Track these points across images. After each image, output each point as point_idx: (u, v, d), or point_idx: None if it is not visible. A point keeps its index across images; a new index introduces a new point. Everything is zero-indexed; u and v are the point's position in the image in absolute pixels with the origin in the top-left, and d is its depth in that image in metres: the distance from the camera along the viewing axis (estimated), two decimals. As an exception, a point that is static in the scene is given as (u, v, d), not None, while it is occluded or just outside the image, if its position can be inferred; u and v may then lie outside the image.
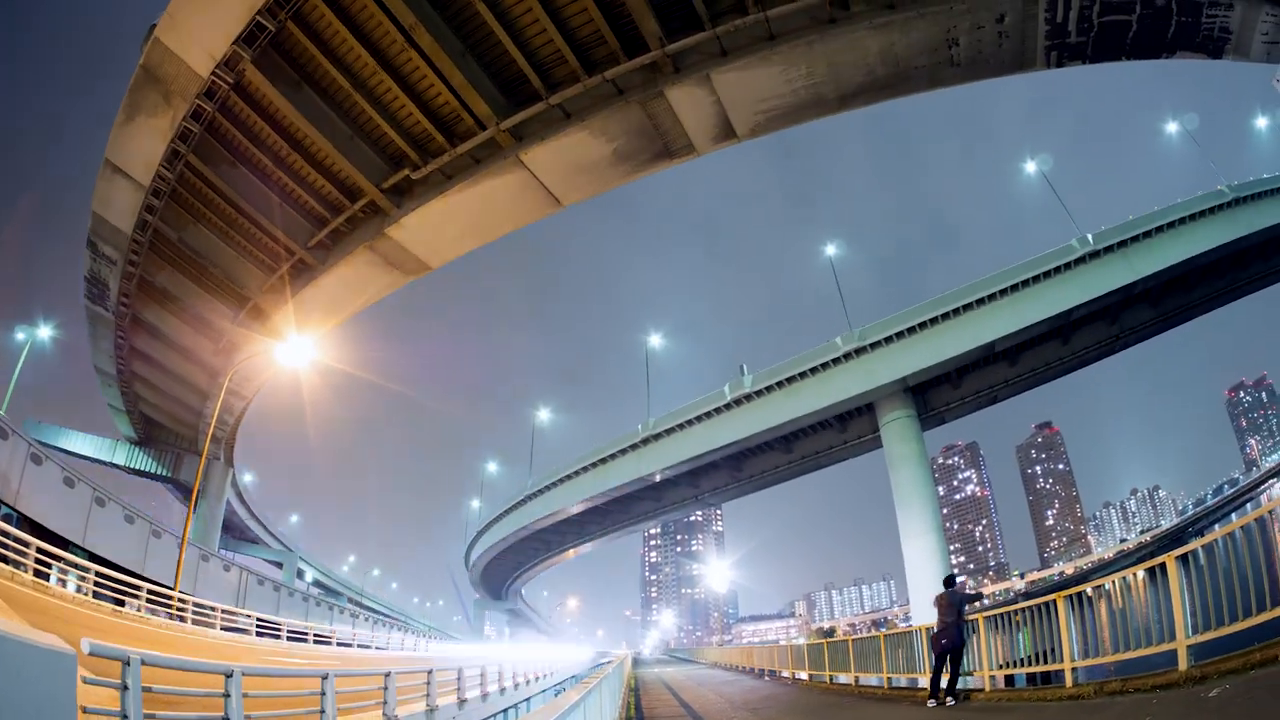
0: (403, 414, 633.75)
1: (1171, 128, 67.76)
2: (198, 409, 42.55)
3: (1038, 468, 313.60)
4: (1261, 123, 70.85)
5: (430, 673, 15.00)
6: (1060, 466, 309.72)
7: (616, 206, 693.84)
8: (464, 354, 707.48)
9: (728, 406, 51.90)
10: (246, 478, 73.25)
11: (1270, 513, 9.37)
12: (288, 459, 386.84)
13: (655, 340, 70.68)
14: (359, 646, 36.40)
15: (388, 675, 12.47)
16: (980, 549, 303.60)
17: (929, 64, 24.17)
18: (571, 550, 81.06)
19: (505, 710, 21.72)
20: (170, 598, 24.48)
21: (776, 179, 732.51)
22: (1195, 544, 9.82)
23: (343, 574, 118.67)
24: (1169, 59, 26.52)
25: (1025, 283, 46.05)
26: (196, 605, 25.68)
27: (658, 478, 57.52)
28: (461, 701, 16.87)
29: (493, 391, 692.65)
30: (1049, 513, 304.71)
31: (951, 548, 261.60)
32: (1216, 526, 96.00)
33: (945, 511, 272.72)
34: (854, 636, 23.04)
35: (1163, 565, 9.88)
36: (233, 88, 25.39)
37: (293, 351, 28.52)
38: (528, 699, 25.68)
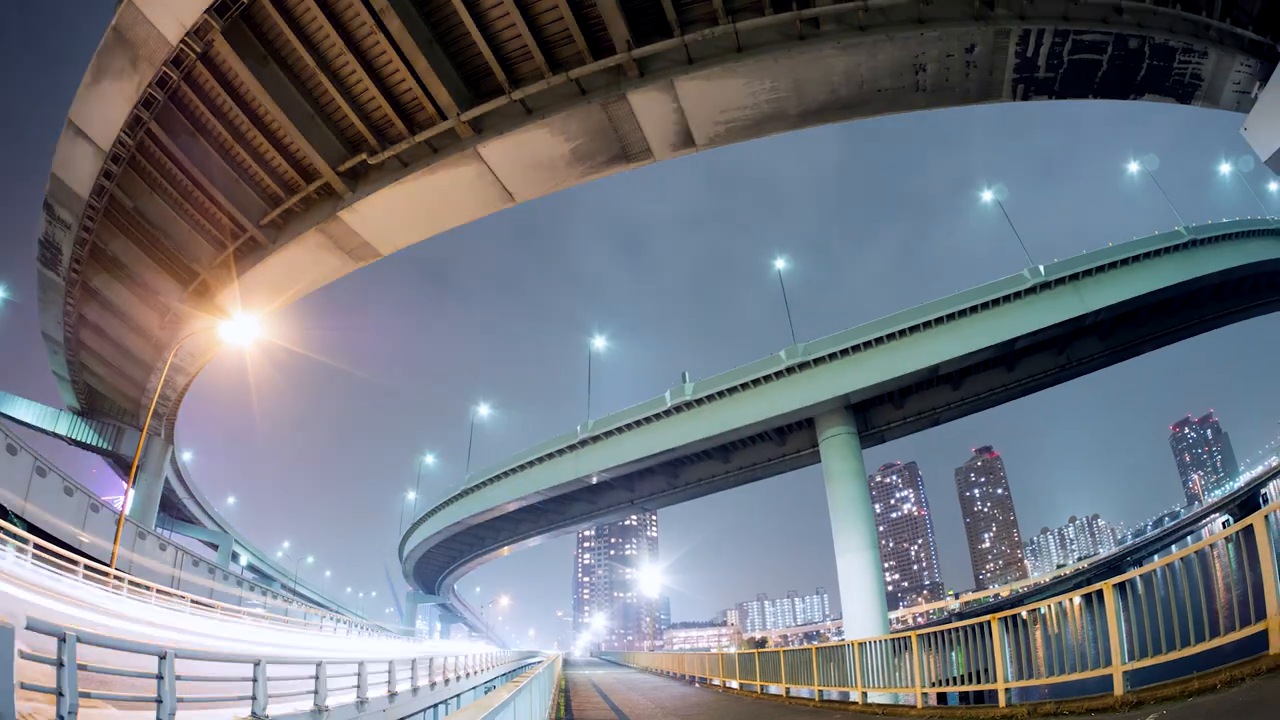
0: (343, 404, 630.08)
1: (1133, 167, 67.92)
2: (141, 383, 41.38)
3: (976, 491, 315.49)
4: (1225, 169, 71.41)
5: (361, 664, 14.61)
6: (999, 491, 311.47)
7: (572, 203, 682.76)
8: (408, 345, 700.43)
9: (668, 413, 51.10)
10: (186, 456, 70.82)
11: (1211, 547, 9.46)
12: (228, 440, 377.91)
13: (600, 342, 69.52)
14: (291, 633, 35.40)
15: (319, 665, 12.31)
16: (915, 567, 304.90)
17: (893, 87, 23.88)
18: (506, 547, 79.39)
19: (435, 705, 21.20)
20: (107, 574, 23.48)
21: (738, 188, 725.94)
22: (1133, 573, 9.98)
23: (277, 559, 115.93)
24: (1136, 100, 26.27)
25: (974, 309, 45.82)
26: (132, 583, 24.69)
27: (594, 480, 56.60)
28: (392, 694, 16.43)
29: (434, 383, 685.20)
30: (985, 535, 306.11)
31: (886, 565, 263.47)
32: (1156, 557, 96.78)
33: (881, 529, 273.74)
34: (786, 648, 22.84)
35: (1100, 592, 9.96)
36: (200, 57, 24.64)
37: (238, 330, 27.74)
38: (458, 695, 25.08)
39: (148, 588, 25.46)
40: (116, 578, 23.88)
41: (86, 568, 22.60)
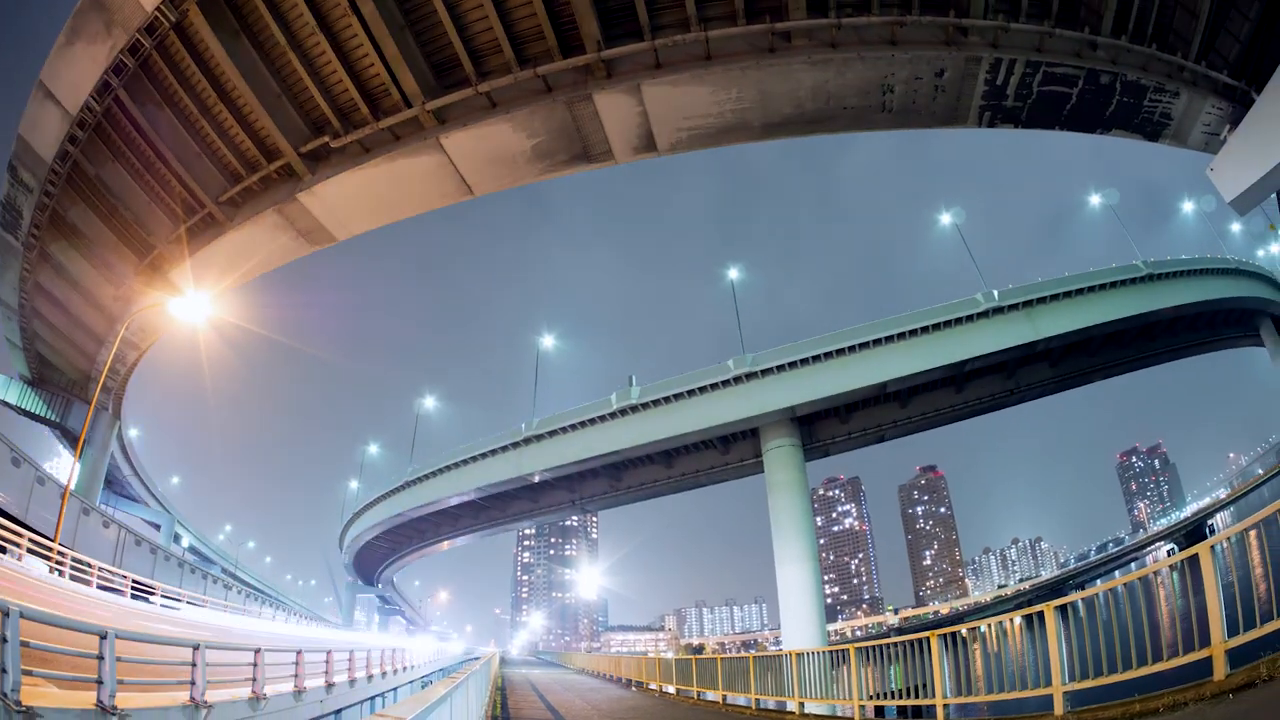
0: (291, 388, 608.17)
1: (1095, 200, 68.18)
2: (92, 355, 40.31)
3: (919, 508, 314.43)
4: (1188, 206, 71.83)
5: (299, 653, 14.27)
6: (942, 510, 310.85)
7: (531, 199, 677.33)
8: (356, 327, 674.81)
9: (613, 415, 50.47)
10: (132, 432, 68.54)
11: (1155, 574, 9.65)
12: (175, 419, 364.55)
13: (548, 341, 69.13)
14: (231, 619, 34.54)
15: (258, 652, 12.00)
16: (855, 581, 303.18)
17: (859, 106, 23.57)
18: (446, 542, 78.10)
19: (372, 698, 20.69)
20: (50, 549, 22.80)
21: (702, 196, 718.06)
22: (1075, 596, 10.13)
23: (219, 543, 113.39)
24: (1103, 135, 25.98)
25: (925, 329, 45.57)
26: (75, 560, 23.97)
27: (536, 479, 55.92)
28: (330, 685, 16.04)
29: (381, 371, 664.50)
30: (927, 553, 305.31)
31: (826, 578, 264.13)
32: (1099, 581, 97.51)
33: (822, 542, 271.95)
34: (723, 655, 22.40)
35: (1041, 613, 10.06)
36: (173, 26, 23.88)
37: (190, 307, 27.08)
38: (394, 689, 24.57)
39: (90, 565, 24.68)
40: (60, 554, 23.19)
41: (31, 541, 22.08)
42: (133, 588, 27.24)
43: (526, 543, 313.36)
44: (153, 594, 28.42)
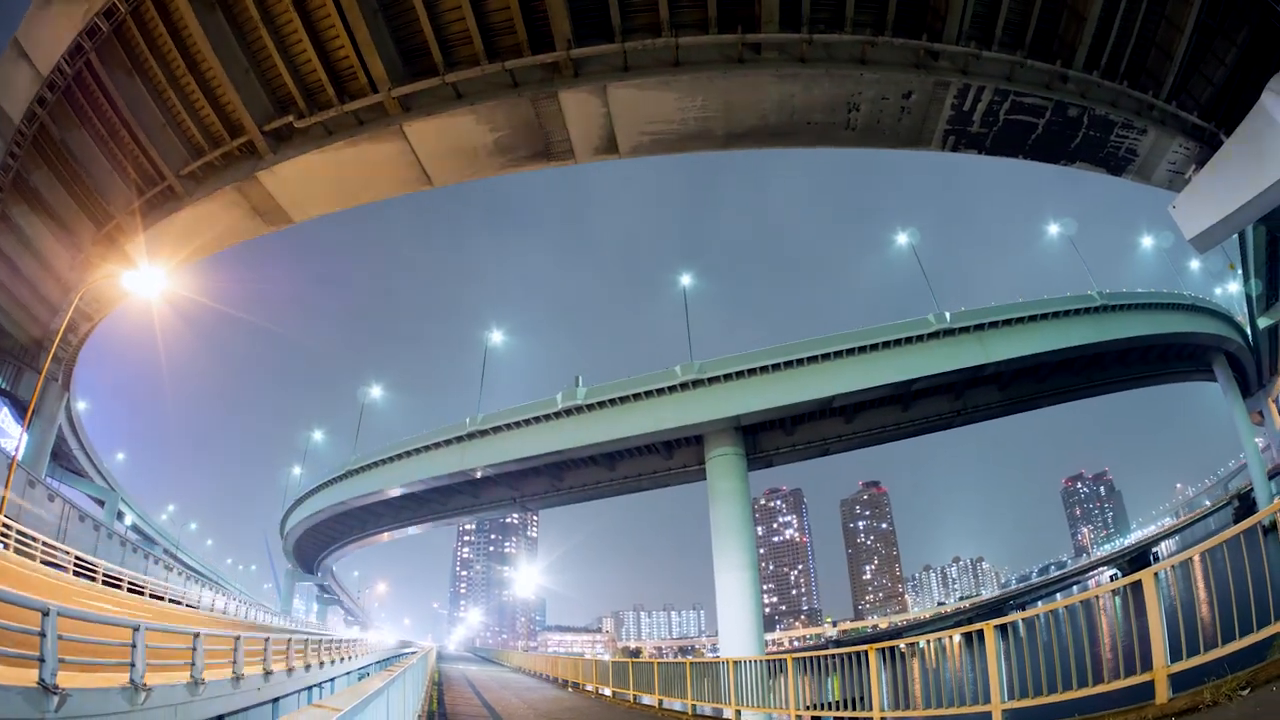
0: (238, 371, 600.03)
1: (1053, 229, 68.39)
2: (45, 323, 39.09)
3: (861, 523, 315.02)
4: (1147, 241, 72.21)
5: (237, 639, 13.82)
6: (883, 525, 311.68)
7: (491, 195, 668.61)
8: (305, 313, 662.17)
9: (557, 415, 49.73)
10: (80, 405, 66.70)
11: (1097, 598, 10.21)
12: (122, 395, 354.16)
13: (497, 337, 68.73)
14: (170, 601, 33.55)
15: (197, 636, 11.73)
16: (794, 592, 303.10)
17: (824, 122, 23.24)
18: (387, 533, 76.64)
19: (309, 688, 20.14)
20: None
21: (658, 201, 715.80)
22: (1016, 616, 10.38)
23: (161, 522, 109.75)
24: (1066, 166, 25.73)
25: (874, 346, 45.41)
26: (20, 534, 23.23)
27: (478, 474, 54.95)
28: (267, 673, 15.64)
29: (328, 354, 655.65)
30: (867, 567, 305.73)
31: (765, 587, 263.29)
32: (1040, 603, 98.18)
33: (762, 551, 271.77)
34: (660, 660, 22.33)
35: (981, 632, 10.00)
36: (149, -9, 22.67)
37: (144, 280, 26.26)
38: (331, 679, 23.95)
39: (34, 539, 23.91)
40: (4, 527, 22.41)
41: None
42: (75, 565, 26.38)
43: (467, 538, 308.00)
44: (95, 572, 27.56)
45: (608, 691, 25.58)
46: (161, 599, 32.37)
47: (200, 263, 31.86)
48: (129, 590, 29.78)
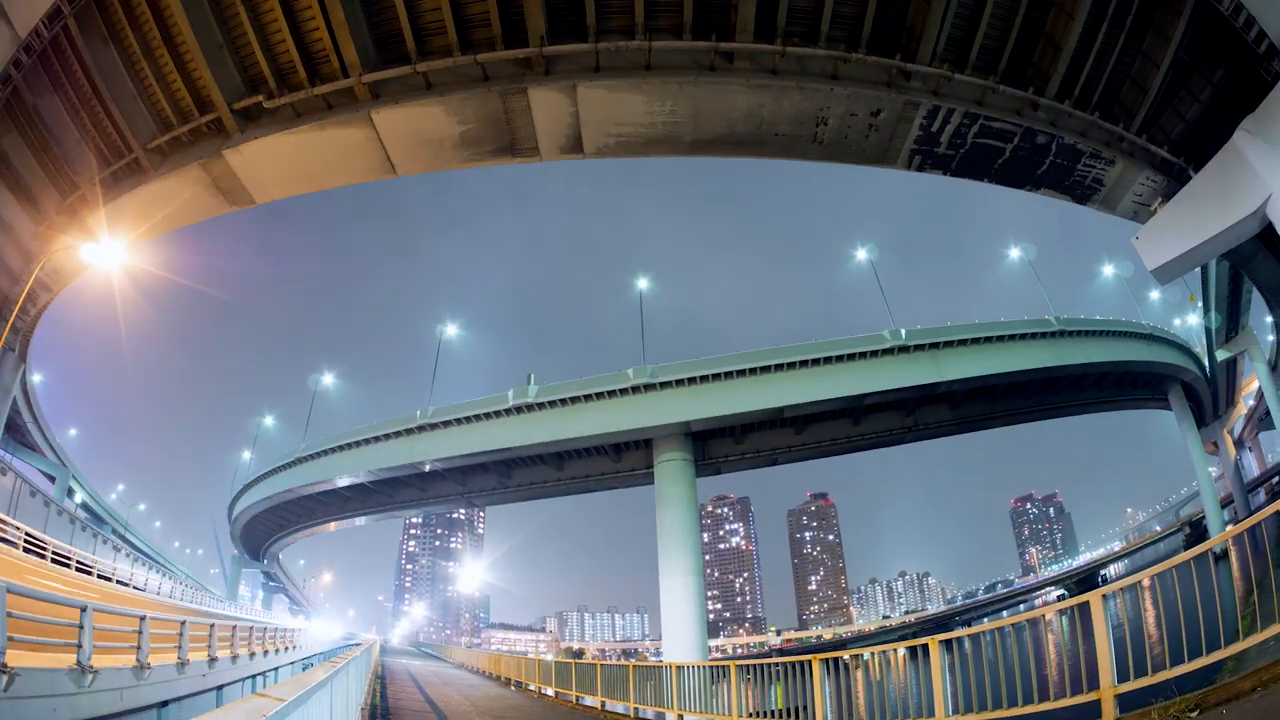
0: (191, 352, 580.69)
1: (1014, 253, 68.63)
2: (5, 291, 38.16)
3: (807, 534, 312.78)
4: (1108, 270, 72.62)
5: (183, 624, 13.59)
6: (830, 537, 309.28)
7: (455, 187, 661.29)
8: (261, 296, 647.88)
9: (508, 412, 48.97)
10: (36, 378, 65.19)
11: (1044, 617, 10.02)
12: (73, 370, 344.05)
13: (452, 330, 67.89)
14: (118, 583, 32.72)
15: (143, 619, 11.45)
16: (739, 600, 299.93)
17: (790, 134, 22.93)
18: (333, 523, 74.90)
19: (253, 676, 19.75)
20: None
21: (618, 201, 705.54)
22: (962, 632, 10.27)
23: (111, 501, 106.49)
24: (1031, 192, 25.52)
25: (829, 359, 45.25)
26: None
27: (427, 468, 54.14)
28: (212, 660, 15.30)
29: (281, 337, 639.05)
30: (813, 578, 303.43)
31: (710, 593, 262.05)
32: (986, 620, 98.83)
33: (708, 558, 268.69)
34: (603, 662, 22.03)
35: (925, 646, 9.98)
36: (128, -41, 21.81)
37: (106, 253, 25.53)
38: (275, 668, 23.55)
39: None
40: None
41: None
42: (25, 541, 26.04)
43: (413, 531, 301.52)
44: (45, 550, 26.87)
45: (550, 691, 25.34)
46: (109, 580, 31.72)
47: (161, 237, 31.00)
48: (77, 569, 29.21)
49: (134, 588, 33.77)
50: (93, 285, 34.60)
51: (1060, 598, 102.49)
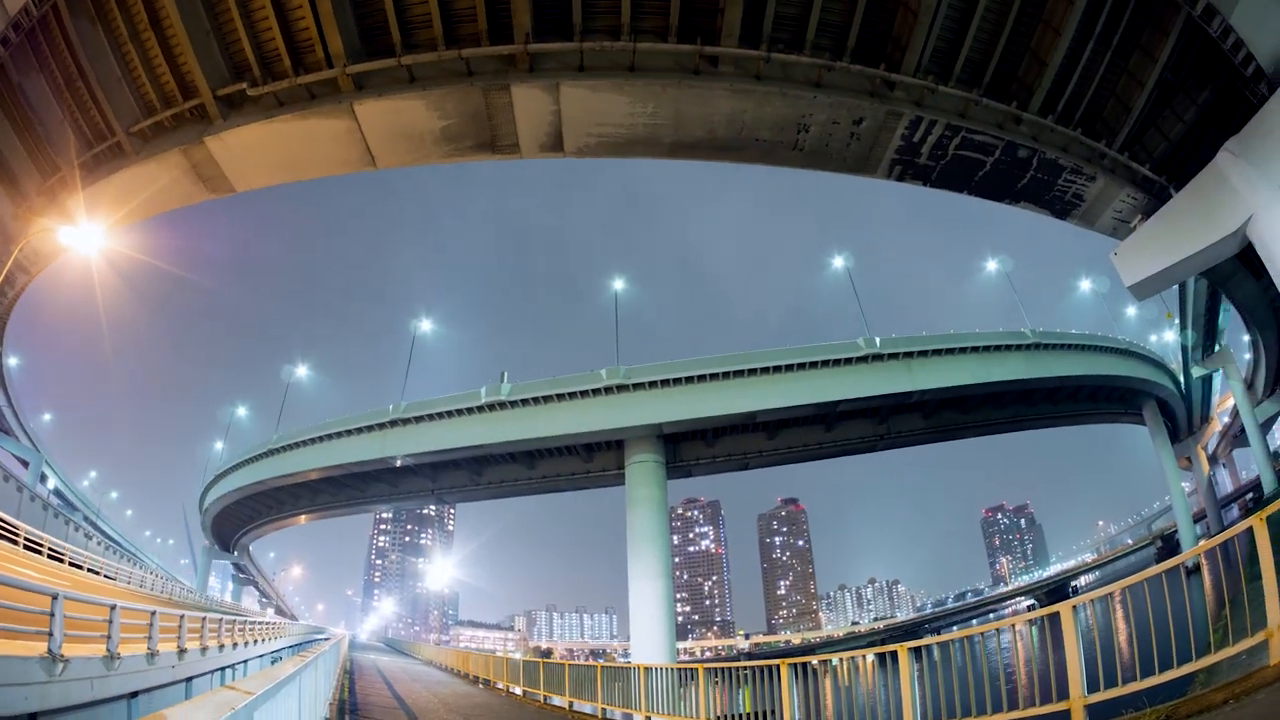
0: (164, 336, 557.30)
1: (991, 266, 68.70)
2: (-16, 272, 37.80)
3: (777, 539, 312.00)
4: (1085, 285, 72.78)
5: (153, 614, 13.29)
6: (800, 543, 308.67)
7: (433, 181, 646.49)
8: (238, 281, 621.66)
9: (480, 409, 48.64)
10: (11, 361, 64.20)
11: (1014, 626, 10.32)
12: (46, 354, 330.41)
13: (426, 325, 67.79)
14: (89, 571, 32.13)
15: (114, 608, 11.04)
16: (708, 603, 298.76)
17: (772, 140, 22.72)
18: (304, 516, 74.10)
19: (222, 669, 19.26)
20: None
21: (596, 203, 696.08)
22: (931, 639, 10.00)
23: (83, 489, 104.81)
24: (1011, 205, 25.41)
25: (803, 365, 45.10)
26: None
27: (399, 463, 53.73)
28: (182, 651, 14.97)
29: (256, 331, 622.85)
30: (782, 583, 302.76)
31: (679, 596, 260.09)
32: (955, 628, 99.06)
33: (677, 560, 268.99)
34: (571, 661, 21.89)
35: (895, 653, 9.94)
36: (120, -60, 21.45)
37: (84, 236, 25.09)
38: (245, 661, 22.91)
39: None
40: None
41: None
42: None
43: (383, 526, 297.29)
44: (18, 536, 26.37)
45: (518, 690, 25.11)
46: (80, 568, 31.12)
47: (141, 222, 30.53)
48: (49, 557, 28.63)
49: (105, 576, 33.19)
50: (71, 269, 34.14)
51: (1030, 608, 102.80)
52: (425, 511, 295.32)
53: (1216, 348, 64.00)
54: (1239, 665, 8.00)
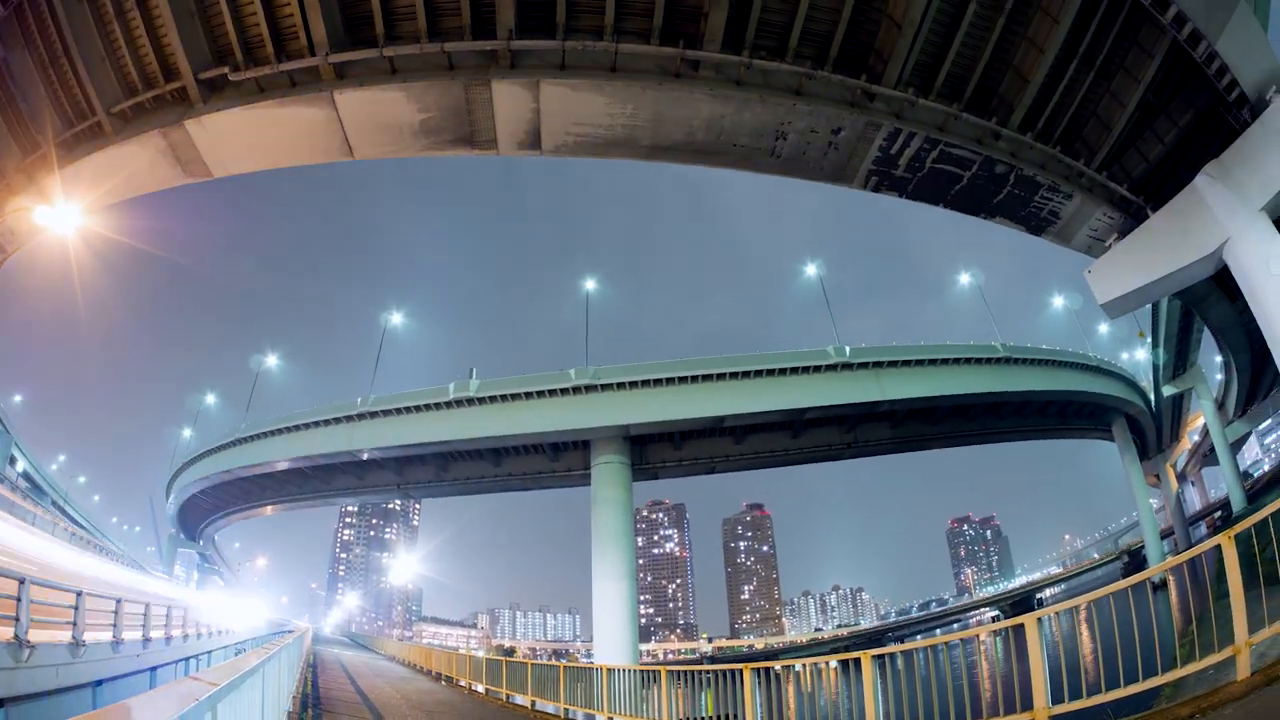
0: (135, 321, 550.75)
1: (964, 279, 68.82)
2: (-40, 252, 37.13)
3: (742, 544, 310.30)
4: (1058, 301, 73.07)
5: (119, 602, 13.41)
6: (765, 548, 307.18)
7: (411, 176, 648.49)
8: (216, 262, 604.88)
9: (448, 404, 48.10)
10: None
11: (978, 637, 10.07)
12: (17, 334, 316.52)
13: (397, 318, 67.42)
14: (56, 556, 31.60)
15: (80, 595, 11.18)
16: (671, 605, 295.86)
17: (749, 146, 22.39)
18: (270, 507, 73.27)
19: (186, 659, 19.20)
20: None
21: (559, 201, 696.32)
22: (895, 648, 10.55)
23: (51, 472, 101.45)
24: (986, 220, 25.32)
25: (772, 372, 45.01)
26: None
27: (365, 456, 53.10)
28: (146, 639, 14.92)
29: (227, 321, 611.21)
30: (746, 587, 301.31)
31: (643, 598, 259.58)
32: (919, 637, 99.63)
33: (642, 562, 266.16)
34: (534, 661, 21.66)
35: (858, 660, 9.86)
36: (106, -85, 20.89)
37: (64, 217, 24.57)
38: (209, 651, 22.97)
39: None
40: None
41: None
42: None
43: (348, 520, 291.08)
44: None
45: (481, 688, 24.92)
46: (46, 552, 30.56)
47: (115, 204, 29.97)
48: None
49: (71, 562, 32.62)
50: (46, 250, 33.49)
51: (995, 619, 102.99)
52: (391, 506, 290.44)
53: (1188, 368, 64.32)
54: (1206, 680, 8.21)
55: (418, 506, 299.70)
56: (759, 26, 20.30)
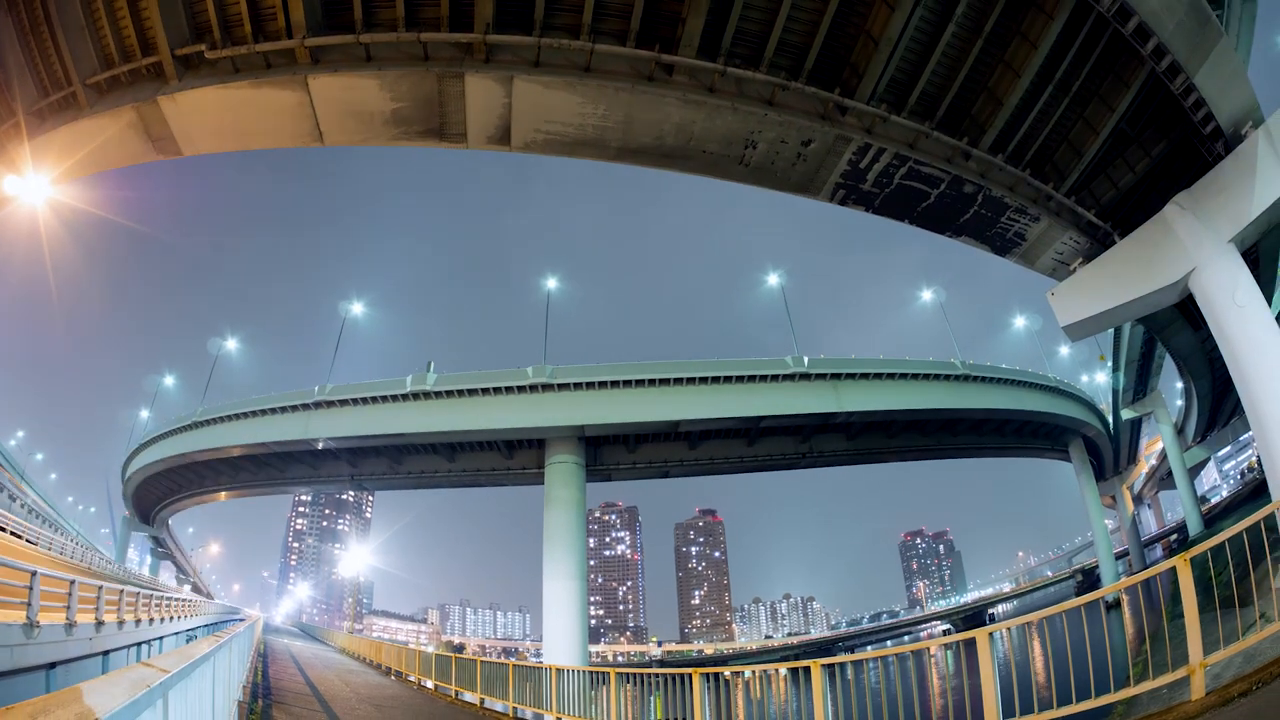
0: (98, 297, 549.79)
1: (926, 295, 68.95)
2: (-75, 224, 36.30)
3: (694, 549, 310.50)
4: (1020, 322, 73.36)
5: (73, 583, 13.12)
6: (716, 554, 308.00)
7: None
8: (183, 233, 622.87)
9: (404, 397, 47.56)
10: None
11: (929, 649, 10.00)
12: None
13: (357, 308, 67.07)
14: (12, 534, 30.66)
15: (34, 575, 10.97)
16: (621, 608, 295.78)
17: (718, 154, 22.01)
18: (224, 493, 72.04)
19: (139, 644, 18.67)
20: None
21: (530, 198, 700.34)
22: (845, 657, 10.02)
23: (10, 448, 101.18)
24: (952, 238, 25.15)
25: (729, 379, 44.73)
26: None
27: (320, 445, 52.39)
28: (99, 623, 14.52)
29: (187, 300, 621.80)
30: (696, 592, 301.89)
31: (593, 599, 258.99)
32: (870, 648, 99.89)
33: (593, 564, 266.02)
34: (483, 658, 21.43)
35: (808, 669, 9.68)
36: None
37: (34, 187, 23.98)
38: (160, 638, 22.24)
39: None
40: None
41: None
42: None
43: (302, 509, 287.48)
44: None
45: (430, 684, 24.71)
46: (3, 530, 29.74)
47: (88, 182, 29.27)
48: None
49: (26, 540, 31.75)
50: (13, 222, 32.70)
51: (946, 632, 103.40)
52: (344, 497, 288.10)
53: (1148, 392, 64.66)
54: (1159, 699, 8.24)
55: (371, 498, 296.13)
56: (736, 34, 19.98)
